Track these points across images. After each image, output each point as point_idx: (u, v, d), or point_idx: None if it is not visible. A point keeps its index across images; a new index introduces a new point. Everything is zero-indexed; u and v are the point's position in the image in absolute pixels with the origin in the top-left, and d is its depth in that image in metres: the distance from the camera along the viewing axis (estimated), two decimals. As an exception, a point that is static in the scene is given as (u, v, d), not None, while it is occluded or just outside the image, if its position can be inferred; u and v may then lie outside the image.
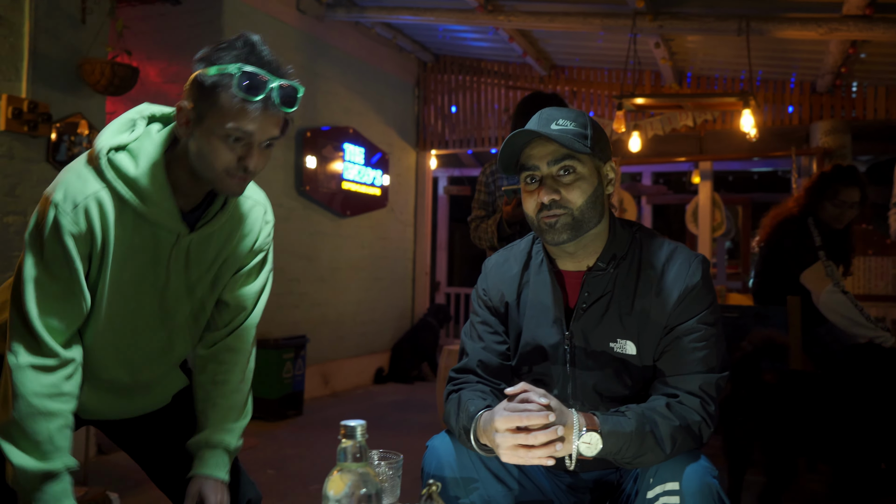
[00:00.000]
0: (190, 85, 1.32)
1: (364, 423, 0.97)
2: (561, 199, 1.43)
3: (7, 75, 3.39)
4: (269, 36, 5.14)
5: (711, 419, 1.38)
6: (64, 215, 1.29)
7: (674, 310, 1.42)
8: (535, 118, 1.47)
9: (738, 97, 4.60)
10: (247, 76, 1.27)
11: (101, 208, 1.31)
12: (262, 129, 1.31)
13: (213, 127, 1.30)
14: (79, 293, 1.34)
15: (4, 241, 3.40)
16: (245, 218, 1.52)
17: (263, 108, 1.29)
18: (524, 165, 1.47)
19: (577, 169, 1.44)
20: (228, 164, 1.31)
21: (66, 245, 1.30)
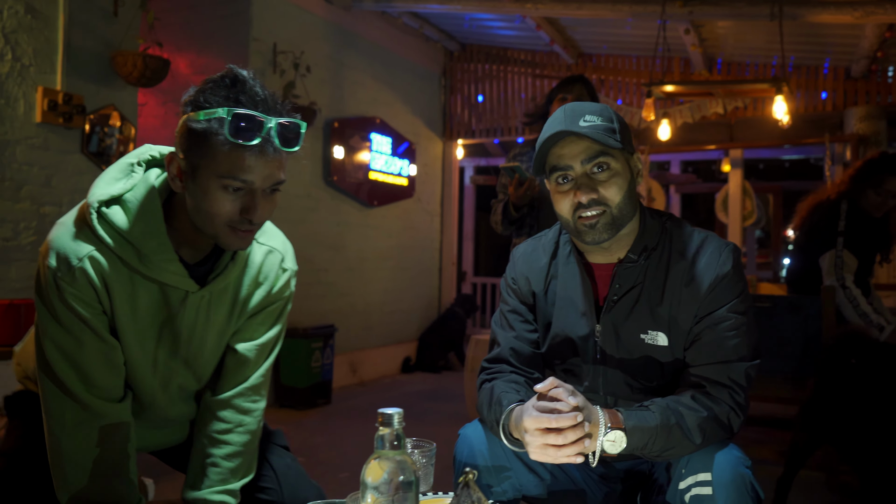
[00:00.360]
0: (179, 131, 1.20)
1: (401, 411, 0.97)
2: (599, 197, 1.40)
3: (42, 68, 3.45)
4: (296, 26, 5.19)
5: (741, 409, 1.36)
6: (61, 280, 1.19)
7: (704, 299, 1.40)
8: (561, 116, 1.43)
9: (771, 83, 4.52)
10: (239, 119, 1.13)
11: (98, 267, 1.20)
12: (264, 176, 1.17)
13: (209, 178, 1.16)
14: (110, 346, 1.26)
15: (41, 230, 3.47)
16: (260, 266, 1.40)
17: (261, 152, 1.15)
18: (556, 166, 1.43)
19: (612, 165, 1.41)
20: (230, 216, 1.18)
21: (75, 308, 1.20)
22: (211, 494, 1.37)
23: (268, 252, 1.42)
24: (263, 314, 1.45)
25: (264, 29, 4.86)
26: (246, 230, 1.21)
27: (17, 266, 3.37)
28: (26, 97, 3.39)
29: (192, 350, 1.38)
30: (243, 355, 1.43)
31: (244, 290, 1.39)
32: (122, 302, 1.25)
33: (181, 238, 1.27)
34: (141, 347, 1.31)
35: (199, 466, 1.40)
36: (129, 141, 3.88)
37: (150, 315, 1.30)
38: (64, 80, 3.52)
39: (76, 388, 1.23)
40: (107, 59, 3.74)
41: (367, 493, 0.95)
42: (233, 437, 1.41)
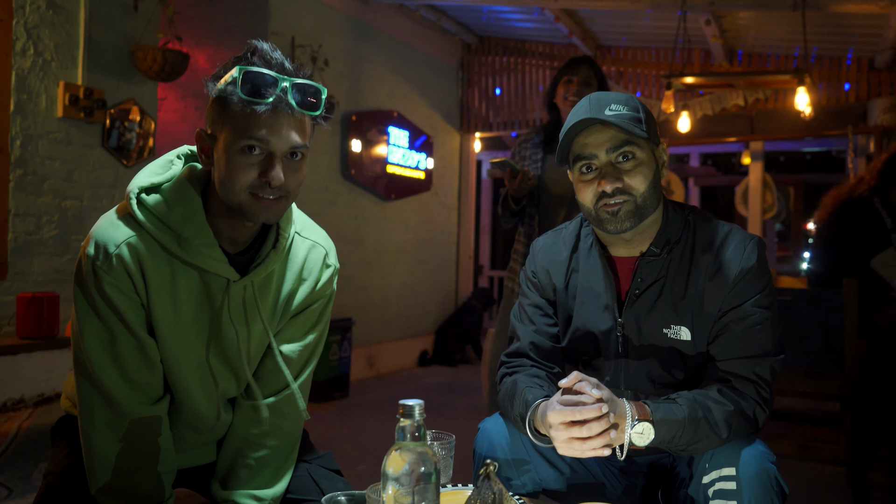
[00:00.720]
0: (208, 107, 1.21)
1: (422, 403, 0.97)
2: (624, 186, 1.38)
3: (64, 63, 3.48)
4: (314, 20, 5.19)
5: (766, 403, 1.35)
6: (100, 269, 1.18)
7: (729, 293, 1.38)
8: (585, 104, 1.41)
9: (793, 74, 4.46)
10: (250, 76, 1.12)
11: (136, 254, 1.19)
12: (280, 136, 1.15)
13: (228, 143, 1.16)
14: (145, 343, 1.23)
15: (63, 224, 3.51)
16: (304, 260, 1.37)
17: (276, 110, 1.14)
18: (580, 155, 1.41)
19: (637, 154, 1.39)
20: (250, 180, 1.16)
21: (112, 298, 1.18)
22: (240, 497, 1.33)
23: (311, 247, 1.39)
24: (306, 314, 1.41)
25: (283, 23, 4.87)
26: (269, 198, 1.18)
27: (40, 260, 3.42)
28: (48, 92, 3.42)
29: (236, 351, 1.32)
30: (287, 357, 1.38)
31: (288, 286, 1.35)
32: (160, 292, 1.22)
33: (220, 228, 1.25)
34: (183, 346, 1.27)
35: (231, 465, 1.36)
36: (148, 135, 3.91)
37: (191, 308, 1.26)
38: (85, 75, 3.55)
39: (111, 384, 1.21)
40: (127, 54, 3.76)
41: (388, 485, 0.95)
42: (269, 442, 1.37)
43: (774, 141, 7.32)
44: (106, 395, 1.22)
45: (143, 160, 3.89)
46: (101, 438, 1.23)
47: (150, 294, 1.21)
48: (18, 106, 3.30)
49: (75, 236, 3.56)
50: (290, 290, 1.35)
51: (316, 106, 1.19)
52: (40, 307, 3.02)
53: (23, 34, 3.31)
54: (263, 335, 1.35)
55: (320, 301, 1.41)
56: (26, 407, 2.84)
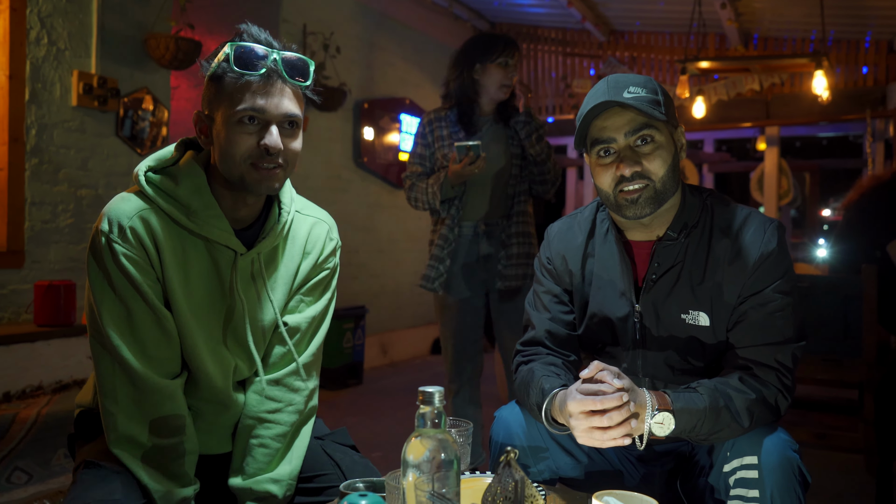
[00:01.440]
0: (203, 92, 1.26)
1: (441, 390, 0.96)
2: (642, 170, 1.36)
3: (77, 52, 3.48)
4: (325, 7, 5.17)
5: (788, 391, 1.33)
6: (114, 242, 1.21)
7: (748, 278, 1.36)
8: (604, 86, 1.38)
9: (811, 58, 4.40)
10: (241, 49, 1.20)
11: (148, 226, 1.23)
12: (274, 104, 1.21)
13: (226, 117, 1.21)
14: (161, 316, 1.25)
15: (78, 213, 3.52)
16: (307, 235, 1.42)
17: (267, 79, 1.21)
18: (598, 138, 1.39)
19: (656, 137, 1.37)
20: (249, 149, 1.22)
21: (128, 270, 1.21)
22: (258, 484, 1.33)
23: (314, 223, 1.44)
24: (311, 285, 1.44)
25: (294, 10, 4.85)
26: (268, 167, 1.23)
27: (56, 248, 3.43)
28: (62, 81, 3.42)
29: (247, 326, 1.35)
30: (293, 328, 1.40)
31: (293, 262, 1.40)
32: (173, 265, 1.25)
33: (223, 207, 1.30)
34: (197, 320, 1.29)
35: (245, 449, 1.36)
36: (161, 124, 3.91)
37: (202, 282, 1.29)
38: (98, 64, 3.55)
39: (130, 358, 1.22)
40: (140, 42, 3.76)
41: (409, 471, 0.95)
42: (282, 417, 1.38)
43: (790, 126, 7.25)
44: (127, 370, 1.23)
45: (156, 148, 3.90)
46: (125, 415, 1.24)
47: (164, 266, 1.24)
48: (33, 95, 3.31)
49: (90, 224, 3.58)
50: (295, 264, 1.39)
51: (305, 76, 1.25)
52: (57, 295, 3.04)
53: (36, 23, 3.31)
54: (272, 310, 1.37)
55: (325, 273, 1.45)
56: (44, 394, 2.86)
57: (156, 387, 1.24)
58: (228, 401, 1.38)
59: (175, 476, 1.26)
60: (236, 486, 1.35)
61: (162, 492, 1.23)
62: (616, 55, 6.60)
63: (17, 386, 2.84)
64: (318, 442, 1.48)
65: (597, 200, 1.58)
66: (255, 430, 1.37)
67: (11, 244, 3.23)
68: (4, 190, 3.22)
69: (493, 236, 2.65)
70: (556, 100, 6.92)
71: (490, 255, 2.66)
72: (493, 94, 2.61)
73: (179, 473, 1.26)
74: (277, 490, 1.35)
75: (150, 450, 1.24)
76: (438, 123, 2.67)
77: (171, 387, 1.27)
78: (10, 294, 3.25)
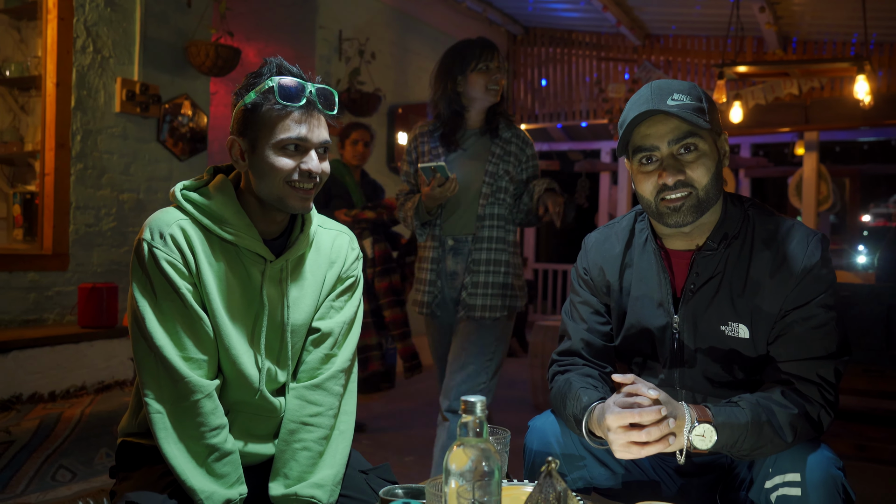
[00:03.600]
0: (235, 118, 1.37)
1: (483, 399, 0.97)
2: (686, 179, 1.35)
3: (121, 59, 3.57)
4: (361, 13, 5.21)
5: (832, 406, 1.31)
6: (155, 247, 1.31)
7: (791, 291, 1.34)
8: (647, 92, 1.37)
9: (852, 62, 4.33)
10: (285, 85, 1.32)
11: (186, 235, 1.33)
12: (314, 132, 1.35)
13: (268, 143, 1.33)
14: (197, 319, 1.32)
15: (121, 216, 3.61)
16: (331, 245, 1.51)
17: (307, 111, 1.33)
18: (641, 146, 1.38)
19: (700, 146, 1.36)
20: (290, 172, 1.33)
21: (168, 274, 1.30)
22: (301, 489, 1.35)
23: (336, 235, 1.54)
24: (339, 291, 1.52)
25: (330, 17, 4.90)
26: (305, 188, 1.35)
27: (99, 251, 3.52)
28: (106, 88, 3.51)
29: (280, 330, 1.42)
30: (326, 333, 1.47)
31: (320, 269, 1.49)
32: (208, 271, 1.34)
33: (253, 218, 1.40)
34: (232, 325, 1.36)
35: (288, 453, 1.39)
36: (200, 129, 3.99)
37: (236, 289, 1.37)
38: (141, 71, 3.64)
39: (173, 358, 1.29)
40: (181, 50, 3.84)
41: (451, 479, 0.96)
42: (323, 421, 1.43)
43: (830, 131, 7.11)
44: (169, 369, 1.29)
45: (195, 154, 3.97)
46: (171, 414, 1.29)
47: (201, 272, 1.34)
48: (79, 102, 3.40)
49: (132, 228, 3.66)
50: (322, 272, 1.49)
51: (334, 107, 1.39)
52: (100, 297, 3.12)
53: (83, 32, 3.40)
54: (302, 316, 1.45)
55: (351, 279, 1.54)
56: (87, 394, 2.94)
57: (197, 386, 1.30)
58: (264, 407, 1.42)
59: (220, 476, 1.30)
60: (279, 495, 1.36)
61: (207, 493, 1.26)
62: (651, 59, 6.55)
63: (62, 386, 2.92)
64: (363, 476, 1.50)
65: (634, 210, 1.57)
66: (297, 434, 1.40)
67: (57, 247, 3.32)
68: (51, 194, 3.31)
69: (459, 253, 2.45)
70: (591, 104, 6.89)
71: (455, 273, 2.46)
72: (481, 100, 2.46)
73: (222, 473, 1.30)
74: (322, 495, 1.36)
75: (195, 449, 1.29)
76: (422, 139, 2.53)
77: (210, 386, 1.32)
78: (56, 296, 3.34)
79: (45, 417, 2.61)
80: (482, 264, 2.42)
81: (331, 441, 1.43)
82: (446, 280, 2.47)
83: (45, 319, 3.29)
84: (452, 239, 2.45)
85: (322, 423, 1.42)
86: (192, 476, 1.27)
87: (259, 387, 1.40)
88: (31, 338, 2.88)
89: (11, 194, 3.53)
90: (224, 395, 1.38)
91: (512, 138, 2.49)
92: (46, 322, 3.29)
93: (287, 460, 1.39)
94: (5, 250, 3.30)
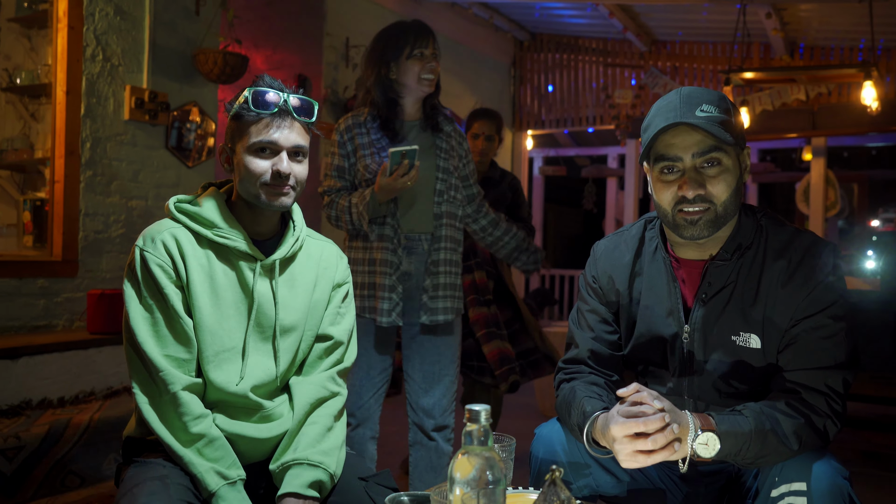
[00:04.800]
0: (226, 129, 1.51)
1: (488, 408, 0.98)
2: (706, 194, 1.34)
3: (130, 67, 3.60)
4: (368, 20, 5.24)
5: (838, 417, 1.31)
6: (147, 251, 1.42)
7: (802, 301, 1.34)
8: (676, 100, 1.36)
9: (859, 68, 4.32)
10: (258, 93, 1.44)
11: (177, 241, 1.44)
12: (284, 137, 1.45)
13: (244, 147, 1.46)
14: (178, 319, 1.41)
15: (129, 223, 3.63)
16: (320, 253, 1.61)
17: (280, 116, 1.45)
18: (664, 155, 1.37)
19: (723, 161, 1.35)
20: (263, 172, 1.44)
21: (156, 276, 1.41)
22: (311, 454, 1.41)
23: (323, 245, 1.64)
24: (340, 296, 1.62)
25: (338, 24, 4.93)
26: (278, 185, 1.45)
27: (108, 257, 3.54)
28: (115, 96, 3.54)
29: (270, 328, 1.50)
30: (339, 341, 1.59)
31: (310, 272, 1.57)
32: (199, 275, 1.43)
33: (244, 223, 1.51)
34: (224, 325, 1.45)
35: (297, 430, 1.46)
36: (208, 135, 4.01)
37: (228, 291, 1.46)
38: (149, 79, 3.67)
39: (153, 353, 1.38)
40: (189, 57, 3.87)
41: (456, 487, 0.97)
42: (333, 402, 1.53)
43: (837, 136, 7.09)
44: (148, 365, 1.38)
45: (203, 160, 4.00)
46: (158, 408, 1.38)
47: (190, 275, 1.43)
48: (88, 110, 3.43)
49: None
50: (313, 276, 1.58)
51: (311, 115, 1.49)
52: (109, 303, 3.14)
53: (92, 40, 3.43)
54: (294, 315, 1.52)
55: (346, 284, 1.65)
56: (96, 399, 2.96)
57: (174, 378, 1.38)
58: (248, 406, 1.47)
59: (214, 460, 1.36)
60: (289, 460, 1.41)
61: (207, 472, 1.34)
62: (658, 65, 6.56)
63: (71, 391, 2.93)
64: (362, 483, 1.51)
65: (644, 218, 1.57)
66: (306, 416, 1.49)
67: (66, 254, 3.35)
68: (60, 201, 3.34)
69: (413, 253, 2.29)
70: (597, 110, 6.89)
71: (409, 274, 2.29)
72: (415, 90, 2.28)
73: (216, 457, 1.37)
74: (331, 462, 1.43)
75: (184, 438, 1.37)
76: (359, 130, 2.30)
77: (186, 380, 1.39)
78: (65, 302, 3.36)
79: (55, 423, 2.63)
80: (441, 265, 2.30)
81: (339, 423, 1.52)
82: (404, 283, 2.30)
83: (55, 326, 3.32)
84: (406, 237, 2.28)
85: (332, 404, 1.52)
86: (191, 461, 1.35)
87: (244, 384, 1.46)
88: (40, 344, 2.90)
89: (22, 201, 3.56)
90: (207, 393, 1.45)
91: (452, 132, 2.38)
92: (56, 328, 3.31)
93: (295, 435, 1.46)
94: (15, 257, 3.33)
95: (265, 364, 1.49)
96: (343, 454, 1.50)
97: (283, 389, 1.55)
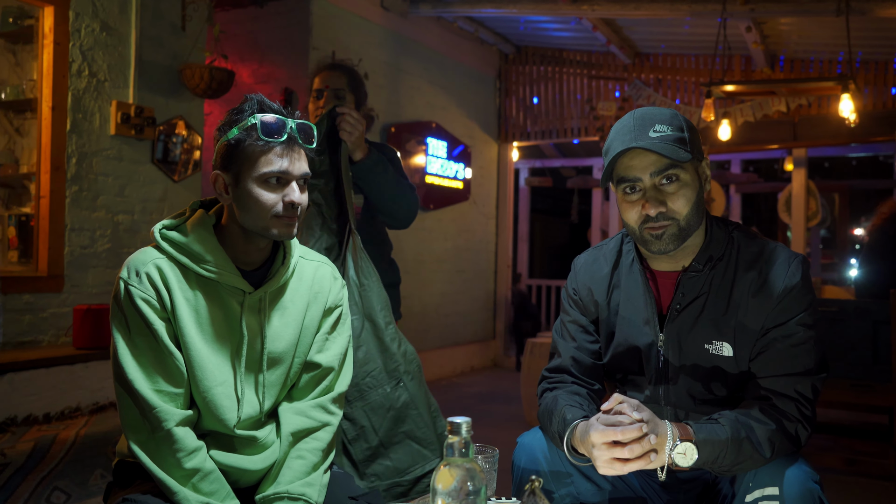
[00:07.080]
0: (218, 153, 1.43)
1: (469, 420, 1.01)
2: (667, 211, 1.40)
3: (116, 83, 3.62)
4: (354, 34, 5.27)
5: (809, 422, 1.35)
6: (131, 285, 1.37)
7: (772, 310, 1.39)
8: (630, 123, 1.42)
9: (837, 81, 4.40)
10: (268, 121, 1.38)
11: (161, 273, 1.39)
12: (295, 165, 1.41)
13: (251, 177, 1.39)
14: (168, 354, 1.37)
15: (115, 238, 3.64)
16: (313, 277, 1.56)
17: (289, 145, 1.40)
18: (624, 177, 1.43)
19: (681, 176, 1.41)
20: (275, 205, 1.39)
21: (142, 310, 1.36)
22: (293, 487, 1.40)
23: (317, 266, 1.58)
24: (331, 323, 1.57)
25: (323, 38, 4.97)
26: (289, 216, 1.41)
27: (94, 272, 3.54)
28: (101, 111, 3.55)
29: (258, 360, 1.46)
30: (328, 368, 1.54)
31: (301, 300, 1.52)
32: (185, 307, 1.39)
33: (235, 253, 1.46)
34: (212, 358, 1.41)
35: (282, 463, 1.44)
36: (194, 149, 4.02)
37: (214, 323, 1.42)
38: (136, 94, 3.68)
39: (143, 389, 1.34)
40: (175, 72, 3.89)
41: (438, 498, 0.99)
42: (321, 435, 1.49)
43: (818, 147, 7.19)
44: (138, 400, 1.34)
45: (190, 175, 4.01)
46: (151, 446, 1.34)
47: (176, 309, 1.39)
48: (74, 125, 3.44)
49: (127, 249, 3.68)
50: (304, 303, 1.53)
51: (312, 141, 1.45)
52: (95, 319, 3.14)
53: (78, 56, 3.44)
54: (283, 345, 1.48)
55: (338, 309, 1.59)
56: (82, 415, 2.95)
57: (167, 414, 1.34)
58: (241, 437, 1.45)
59: (209, 493, 1.34)
60: (270, 493, 1.39)
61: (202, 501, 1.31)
62: (641, 78, 6.63)
63: (57, 407, 2.93)
64: (352, 503, 1.51)
65: (621, 232, 1.62)
66: (293, 447, 1.45)
67: (52, 269, 3.35)
68: (46, 216, 3.34)
69: None
70: (582, 121, 6.96)
71: None
72: None
73: (211, 491, 1.34)
74: (312, 493, 1.40)
75: (178, 474, 1.33)
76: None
77: (180, 415, 1.36)
78: (51, 317, 3.36)
79: (40, 439, 2.62)
80: None
81: (325, 454, 1.48)
82: None
83: (40, 341, 3.31)
84: None
85: (320, 436, 1.49)
86: (186, 497, 1.31)
87: (237, 416, 1.43)
88: (26, 360, 2.90)
89: (6, 216, 3.56)
90: (200, 425, 1.42)
91: None
92: (41, 344, 3.30)
93: (281, 468, 1.43)
94: (0, 272, 3.32)
95: (251, 398, 1.46)
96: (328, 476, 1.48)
97: (273, 415, 1.52)
